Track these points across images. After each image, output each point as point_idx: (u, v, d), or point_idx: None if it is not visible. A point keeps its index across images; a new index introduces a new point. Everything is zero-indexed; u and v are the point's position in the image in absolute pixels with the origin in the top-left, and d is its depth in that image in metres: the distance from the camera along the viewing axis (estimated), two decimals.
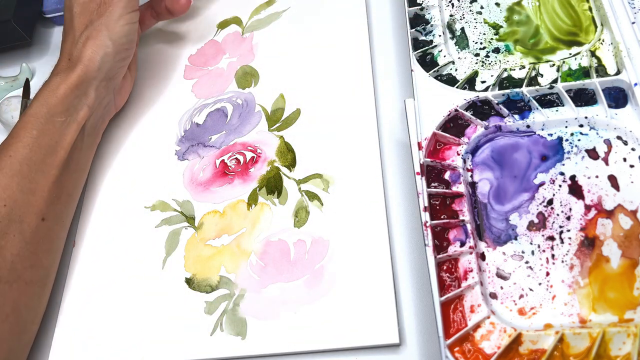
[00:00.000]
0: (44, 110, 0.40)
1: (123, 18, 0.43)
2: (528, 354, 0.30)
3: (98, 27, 0.42)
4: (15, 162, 0.38)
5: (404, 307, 0.35)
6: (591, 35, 0.39)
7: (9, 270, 0.36)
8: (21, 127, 0.40)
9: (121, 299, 0.39)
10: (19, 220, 0.37)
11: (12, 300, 0.36)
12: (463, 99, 0.37)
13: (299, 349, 0.35)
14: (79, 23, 0.43)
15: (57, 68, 0.43)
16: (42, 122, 0.40)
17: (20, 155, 0.38)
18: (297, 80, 0.46)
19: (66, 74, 0.42)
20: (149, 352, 0.37)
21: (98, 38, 0.42)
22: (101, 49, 0.42)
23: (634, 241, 0.31)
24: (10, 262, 0.36)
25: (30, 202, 0.38)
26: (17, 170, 0.38)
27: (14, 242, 0.37)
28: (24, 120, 0.40)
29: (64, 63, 0.42)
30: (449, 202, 0.35)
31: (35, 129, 0.39)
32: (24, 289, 0.37)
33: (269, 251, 0.38)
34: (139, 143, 0.47)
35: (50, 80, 0.42)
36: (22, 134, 0.39)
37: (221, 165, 0.43)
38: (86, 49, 0.42)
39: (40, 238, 0.39)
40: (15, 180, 0.38)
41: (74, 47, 0.43)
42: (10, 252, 0.36)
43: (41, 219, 0.39)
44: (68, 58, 0.42)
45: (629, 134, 0.34)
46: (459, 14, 0.43)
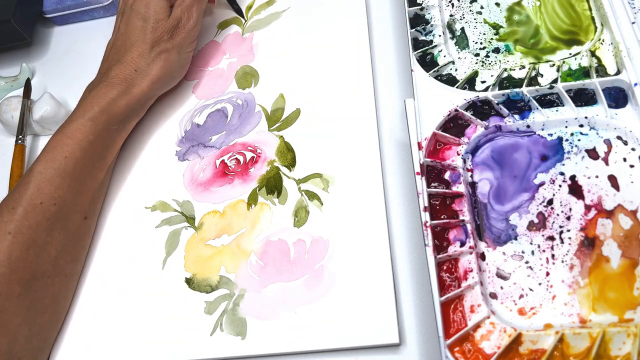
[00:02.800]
0: (104, 117, 0.41)
1: (190, 46, 0.46)
2: (528, 354, 0.30)
3: (171, 50, 0.44)
4: (70, 163, 0.39)
5: (404, 307, 0.35)
6: (591, 35, 0.39)
7: (52, 265, 0.38)
8: (78, 129, 0.40)
9: (121, 299, 0.40)
10: (65, 218, 0.39)
11: (53, 292, 0.38)
12: (463, 99, 0.37)
13: (299, 349, 0.35)
14: (151, 38, 0.44)
15: (120, 74, 0.43)
16: (100, 128, 0.41)
17: (75, 157, 0.40)
18: (297, 80, 0.46)
19: (131, 86, 0.43)
20: (149, 352, 0.37)
21: (169, 59, 0.44)
22: (170, 70, 0.45)
23: (634, 241, 0.31)
24: (54, 257, 0.38)
25: (77, 202, 0.40)
26: (70, 172, 0.39)
27: (59, 239, 0.38)
28: (82, 123, 0.41)
29: (128, 72, 0.43)
30: (449, 202, 0.35)
31: (92, 135, 0.41)
32: (63, 282, 0.39)
33: (268, 251, 0.38)
34: (140, 144, 0.47)
35: (113, 86, 0.42)
36: (80, 136, 0.40)
37: (221, 166, 0.43)
38: (156, 65, 0.44)
39: (81, 235, 0.41)
40: (67, 181, 0.39)
41: (142, 60, 0.43)
42: (55, 248, 0.38)
43: (84, 218, 0.41)
44: (134, 69, 0.43)
45: (629, 134, 0.34)
46: (459, 14, 0.43)
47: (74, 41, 0.56)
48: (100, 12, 0.56)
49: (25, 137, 0.49)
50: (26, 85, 0.51)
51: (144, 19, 0.44)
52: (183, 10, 0.45)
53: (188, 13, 0.45)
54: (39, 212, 0.37)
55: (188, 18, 0.45)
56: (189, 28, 0.45)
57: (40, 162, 0.39)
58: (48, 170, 0.39)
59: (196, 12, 0.46)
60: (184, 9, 0.45)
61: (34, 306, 0.37)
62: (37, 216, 0.37)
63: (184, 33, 0.45)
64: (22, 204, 0.37)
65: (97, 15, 0.57)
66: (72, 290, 0.41)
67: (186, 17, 0.45)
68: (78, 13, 0.56)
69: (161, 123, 0.47)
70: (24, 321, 0.36)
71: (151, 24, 0.44)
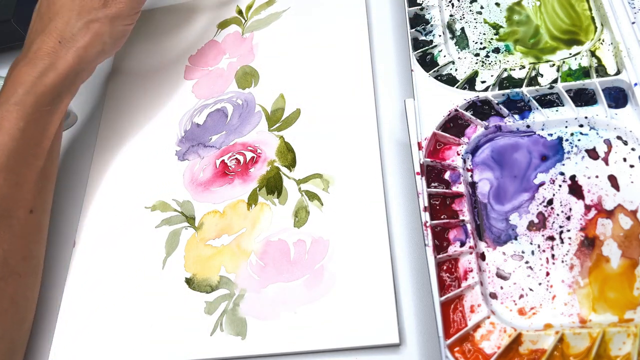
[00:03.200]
0: (31, 99, 0.37)
1: (129, 18, 0.42)
2: (528, 354, 0.30)
3: (102, 20, 0.40)
4: (2, 155, 0.36)
5: (404, 307, 0.35)
6: (591, 35, 0.39)
7: (2, 266, 0.36)
8: (4, 117, 0.37)
9: (121, 299, 0.40)
10: (8, 215, 0.36)
11: (9, 294, 0.36)
12: (463, 99, 0.37)
13: (299, 349, 0.35)
14: (79, 4, 0.39)
15: (43, 47, 0.38)
16: (29, 112, 0.37)
17: (6, 148, 0.36)
18: (297, 80, 0.46)
19: (55, 59, 0.38)
20: (149, 352, 0.37)
21: (100, 31, 0.40)
22: (99, 42, 0.40)
23: (634, 241, 0.31)
24: (2, 258, 0.36)
25: (17, 195, 0.37)
26: (4, 165, 0.36)
27: (5, 238, 0.36)
28: (7, 109, 0.37)
29: (52, 44, 0.38)
30: (449, 202, 0.35)
31: (22, 120, 0.37)
32: (18, 281, 0.37)
33: (269, 251, 0.38)
34: (139, 143, 0.47)
35: (35, 62, 0.38)
36: (8, 125, 0.36)
37: (221, 166, 0.43)
38: (84, 37, 0.39)
39: (29, 230, 0.38)
40: (2, 175, 0.36)
41: (67, 29, 0.39)
42: (2, 248, 0.36)
43: (29, 211, 0.38)
44: (58, 40, 0.39)
45: (629, 134, 0.34)
46: (459, 14, 0.43)
47: None
48: None
49: None
50: None
51: None
52: None
53: None
54: None
55: None
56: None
57: None
58: None
59: None
60: None
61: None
62: None
63: (122, 2, 0.40)
64: None
65: None
66: (33, 289, 0.38)
67: None
68: None
69: (161, 123, 0.47)
70: None
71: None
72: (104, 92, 0.51)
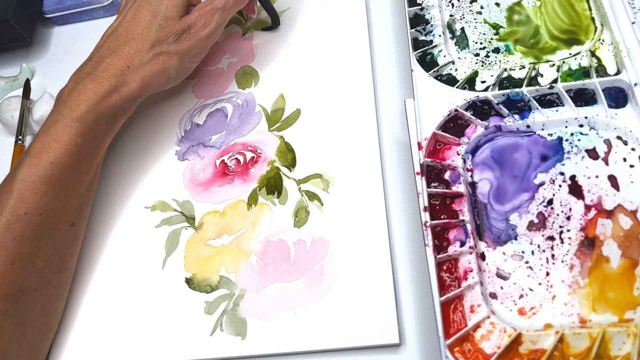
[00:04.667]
0: (92, 117, 0.38)
1: (197, 56, 0.43)
2: (528, 354, 0.30)
3: (172, 53, 0.41)
4: (56, 169, 0.36)
5: (404, 307, 0.35)
6: (591, 35, 0.39)
7: (39, 277, 0.36)
8: (64, 131, 0.37)
9: (121, 299, 0.39)
10: (52, 227, 0.36)
11: (41, 305, 0.36)
12: (463, 99, 0.37)
13: (299, 349, 0.35)
14: (155, 36, 0.40)
15: (111, 68, 0.39)
16: (88, 130, 0.38)
17: (61, 162, 0.37)
18: (297, 80, 0.46)
19: (121, 83, 0.39)
20: (149, 352, 0.37)
21: (167, 64, 0.41)
22: (165, 75, 0.41)
23: (634, 241, 0.31)
24: (41, 269, 0.36)
25: (63, 209, 0.37)
26: (56, 178, 0.36)
27: (46, 250, 0.36)
28: (68, 124, 0.37)
29: (120, 67, 0.39)
30: (449, 202, 0.35)
31: (80, 137, 0.37)
32: (52, 293, 0.37)
33: (269, 251, 0.38)
34: (139, 143, 0.47)
35: (101, 82, 0.39)
36: (67, 139, 0.37)
37: (221, 166, 0.43)
38: (152, 67, 0.40)
39: (68, 243, 0.38)
40: (53, 189, 0.36)
41: (137, 56, 0.40)
42: (42, 260, 0.36)
43: (71, 225, 0.38)
44: (127, 65, 0.40)
45: (629, 134, 0.34)
46: (459, 14, 0.43)
47: (74, 41, 0.56)
48: (100, 12, 0.56)
49: (25, 138, 0.49)
50: (25, 86, 0.51)
51: (154, 12, 0.40)
52: (201, 16, 0.41)
53: (205, 19, 0.41)
54: (23, 223, 0.35)
55: (204, 25, 0.41)
56: (201, 36, 0.41)
57: (23, 168, 0.36)
58: (32, 177, 0.36)
59: (216, 22, 0.41)
60: (203, 14, 0.41)
61: (22, 321, 0.35)
62: (22, 227, 0.35)
63: (194, 40, 0.41)
64: (5, 215, 0.34)
65: (97, 15, 0.56)
66: (63, 300, 0.39)
67: (202, 23, 0.41)
68: (78, 13, 0.56)
69: (161, 122, 0.47)
70: (13, 336, 0.34)
71: (159, 20, 0.40)
72: None
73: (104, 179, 0.45)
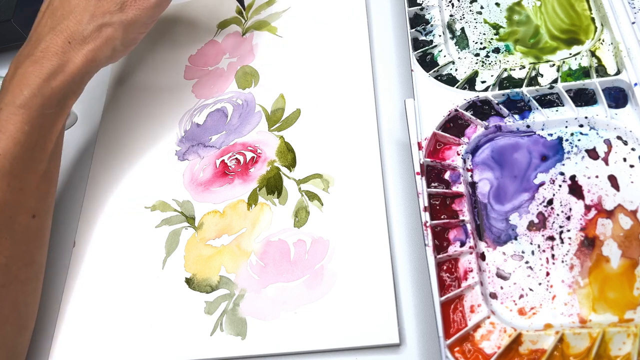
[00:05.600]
0: (37, 102, 0.36)
1: (144, 26, 0.40)
2: (528, 354, 0.30)
3: (116, 24, 0.38)
4: (5, 161, 0.35)
5: (404, 307, 0.35)
6: (591, 35, 0.39)
7: (3, 273, 0.35)
8: (9, 120, 0.35)
9: (121, 299, 0.40)
10: (11, 221, 0.35)
11: (10, 301, 0.35)
12: (463, 99, 0.37)
13: (299, 349, 0.35)
14: (95, 5, 0.38)
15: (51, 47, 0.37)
16: (35, 116, 0.36)
17: (10, 153, 0.35)
18: (297, 80, 0.46)
19: (64, 60, 0.37)
20: (149, 352, 0.37)
21: (112, 36, 0.38)
22: (110, 47, 0.39)
23: (634, 241, 0.31)
24: (4, 265, 0.35)
25: (20, 201, 0.36)
26: (7, 170, 0.35)
27: (6, 244, 0.35)
28: (12, 112, 0.35)
29: (60, 44, 0.37)
30: (449, 202, 0.35)
31: (27, 124, 0.35)
32: (20, 288, 0.36)
33: (269, 251, 0.38)
34: (139, 143, 0.47)
35: (43, 63, 0.36)
36: (12, 128, 0.35)
37: (221, 166, 0.43)
38: (95, 40, 0.38)
39: (32, 236, 0.37)
40: (5, 181, 0.35)
41: (78, 29, 0.37)
42: (4, 255, 0.35)
43: (32, 217, 0.37)
44: (68, 40, 0.37)
45: (629, 134, 0.34)
46: (459, 14, 0.43)
47: None
48: None
49: None
50: None
51: None
52: None
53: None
54: None
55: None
56: (148, 5, 0.39)
57: None
58: None
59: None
60: None
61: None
62: None
63: (139, 10, 0.39)
64: None
65: None
66: (35, 295, 0.37)
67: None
68: None
69: (161, 122, 0.47)
70: None
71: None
72: (104, 91, 0.51)
73: (104, 179, 0.45)
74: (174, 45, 0.52)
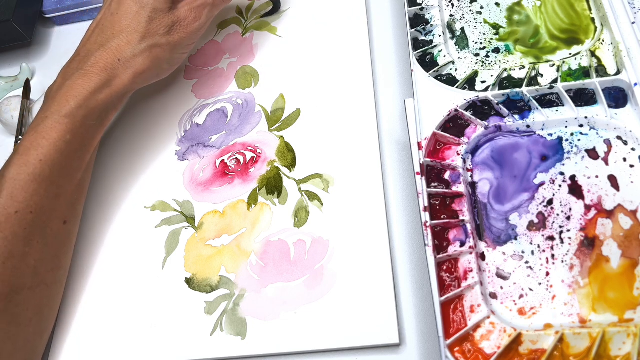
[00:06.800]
0: (81, 113, 0.38)
1: (188, 47, 0.43)
2: (528, 354, 0.30)
3: (164, 46, 0.41)
4: (46, 167, 0.36)
5: (404, 307, 0.35)
6: (591, 35, 0.39)
7: (32, 276, 0.35)
8: (54, 128, 0.37)
9: (121, 299, 0.39)
10: (44, 225, 0.36)
11: (35, 304, 0.36)
12: (463, 99, 0.37)
13: (299, 349, 0.35)
14: (144, 29, 0.40)
15: (100, 62, 0.39)
16: (78, 126, 0.37)
17: (51, 160, 0.36)
18: (297, 80, 0.46)
19: (112, 77, 0.39)
20: (149, 352, 0.37)
21: (160, 57, 0.41)
22: (157, 67, 0.41)
23: (634, 241, 0.31)
24: (33, 267, 0.36)
25: (54, 207, 0.37)
26: (47, 177, 0.36)
27: (38, 248, 0.36)
28: (57, 120, 0.37)
29: (110, 61, 0.39)
30: (449, 202, 0.35)
31: (69, 133, 0.37)
32: (45, 292, 0.37)
33: (269, 251, 0.38)
34: (139, 143, 0.47)
35: (91, 77, 0.38)
36: (56, 136, 0.37)
37: (221, 166, 0.43)
38: (144, 60, 0.40)
39: (61, 241, 0.38)
40: (43, 187, 0.36)
41: (128, 48, 0.39)
42: (34, 258, 0.36)
43: (63, 222, 0.38)
44: (118, 58, 0.39)
45: (629, 134, 0.34)
46: (459, 14, 0.43)
47: (74, 41, 0.56)
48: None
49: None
50: (25, 86, 0.51)
51: (140, 4, 0.40)
52: (191, 10, 0.41)
53: (196, 14, 0.42)
54: (14, 222, 0.34)
55: (195, 19, 0.42)
56: (192, 29, 0.42)
57: (12, 166, 0.36)
58: (22, 176, 0.35)
59: (206, 16, 0.42)
60: (193, 8, 0.41)
61: (15, 320, 0.34)
62: (13, 226, 0.34)
63: (185, 33, 0.41)
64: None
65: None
66: (57, 299, 0.38)
67: (192, 17, 0.41)
68: (78, 13, 0.56)
69: (161, 122, 0.47)
70: (6, 336, 0.34)
71: (147, 12, 0.40)
72: None
73: (104, 179, 0.45)
74: None
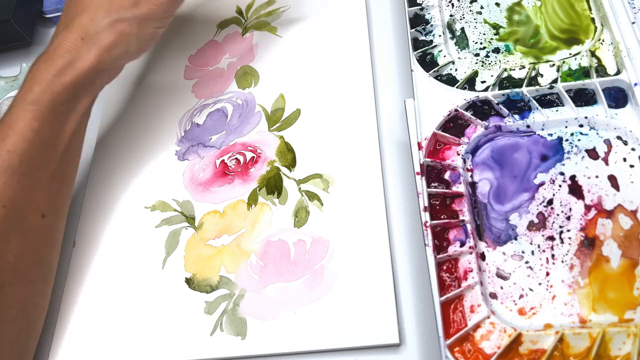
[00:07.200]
0: (46, 98, 0.36)
1: (160, 21, 0.39)
2: (528, 354, 0.30)
3: (130, 20, 0.37)
4: (14, 158, 0.34)
5: (404, 307, 0.35)
6: (591, 35, 0.39)
7: (12, 273, 0.35)
8: (19, 117, 0.35)
9: (121, 299, 0.39)
10: (19, 219, 0.35)
11: (18, 301, 0.35)
12: (463, 99, 0.37)
13: (299, 349, 0.35)
14: (109, 2, 0.37)
15: (64, 43, 0.37)
16: (45, 112, 0.35)
17: (20, 150, 0.35)
18: (297, 80, 0.46)
19: (76, 57, 0.36)
20: (149, 352, 0.37)
21: (126, 32, 0.37)
22: (124, 44, 0.38)
23: (634, 241, 0.31)
24: (12, 264, 0.34)
25: (29, 199, 0.35)
26: (17, 168, 0.34)
27: (15, 243, 0.35)
28: (22, 108, 0.35)
29: (73, 40, 0.36)
30: (449, 202, 0.35)
31: (36, 121, 0.35)
32: (29, 288, 0.36)
33: (269, 251, 0.38)
34: (139, 143, 0.47)
35: (54, 59, 0.36)
36: (22, 125, 0.35)
37: (221, 166, 0.43)
38: (108, 36, 0.37)
39: (41, 235, 0.37)
40: (15, 179, 0.34)
41: (92, 25, 0.37)
42: (13, 254, 0.34)
43: (42, 216, 0.36)
44: (81, 37, 0.36)
45: (629, 134, 0.34)
46: (459, 14, 0.43)
47: None
48: None
49: None
50: None
51: None
52: None
53: None
54: None
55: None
56: (160, 1, 0.38)
57: None
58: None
59: None
60: None
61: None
62: None
63: (154, 4, 0.38)
64: None
65: None
66: (44, 295, 0.37)
67: None
68: None
69: (161, 122, 0.47)
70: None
71: None
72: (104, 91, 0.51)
73: (104, 179, 0.45)
74: (174, 45, 0.52)
